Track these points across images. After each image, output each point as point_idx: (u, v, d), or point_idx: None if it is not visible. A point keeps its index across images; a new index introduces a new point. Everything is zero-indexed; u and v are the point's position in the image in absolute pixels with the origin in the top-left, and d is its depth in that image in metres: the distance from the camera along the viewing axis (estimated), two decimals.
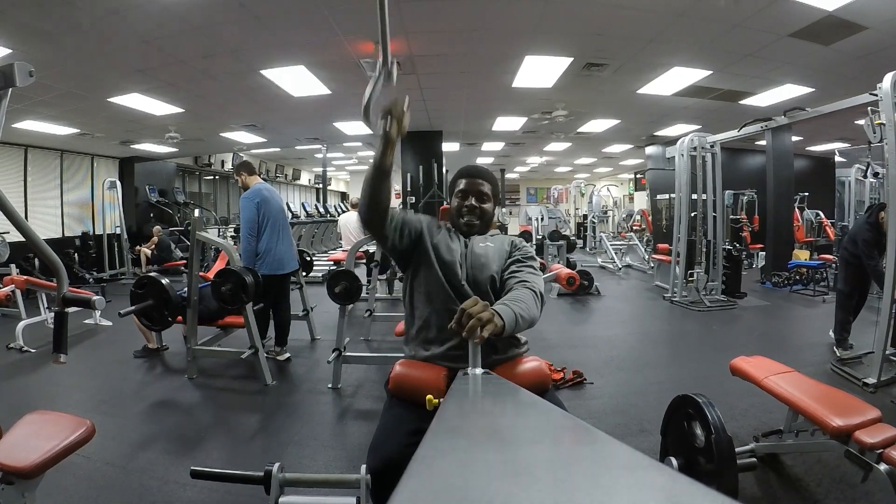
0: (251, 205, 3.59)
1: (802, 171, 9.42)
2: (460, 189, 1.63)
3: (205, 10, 3.49)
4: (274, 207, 3.69)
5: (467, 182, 1.62)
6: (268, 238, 3.61)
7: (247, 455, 2.45)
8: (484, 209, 1.62)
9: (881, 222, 3.53)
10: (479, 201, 1.61)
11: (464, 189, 1.62)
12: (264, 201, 3.64)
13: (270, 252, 3.61)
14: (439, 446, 0.60)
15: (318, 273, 7.54)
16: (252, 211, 3.58)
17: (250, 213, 3.58)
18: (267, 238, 3.61)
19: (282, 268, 3.68)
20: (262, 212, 3.59)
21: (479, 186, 1.61)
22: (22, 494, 1.42)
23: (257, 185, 3.71)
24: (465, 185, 1.62)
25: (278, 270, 3.65)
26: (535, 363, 1.50)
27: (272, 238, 3.62)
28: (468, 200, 1.61)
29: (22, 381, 3.50)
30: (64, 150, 8.28)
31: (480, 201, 1.61)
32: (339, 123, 7.82)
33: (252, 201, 3.60)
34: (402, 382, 1.42)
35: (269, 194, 3.72)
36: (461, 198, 1.62)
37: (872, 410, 1.78)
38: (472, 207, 1.60)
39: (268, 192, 3.73)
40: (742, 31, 3.99)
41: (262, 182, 3.77)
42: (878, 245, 3.57)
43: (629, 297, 6.94)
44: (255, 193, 3.64)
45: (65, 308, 1.26)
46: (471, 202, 1.60)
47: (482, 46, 4.44)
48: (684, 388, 1.93)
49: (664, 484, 0.44)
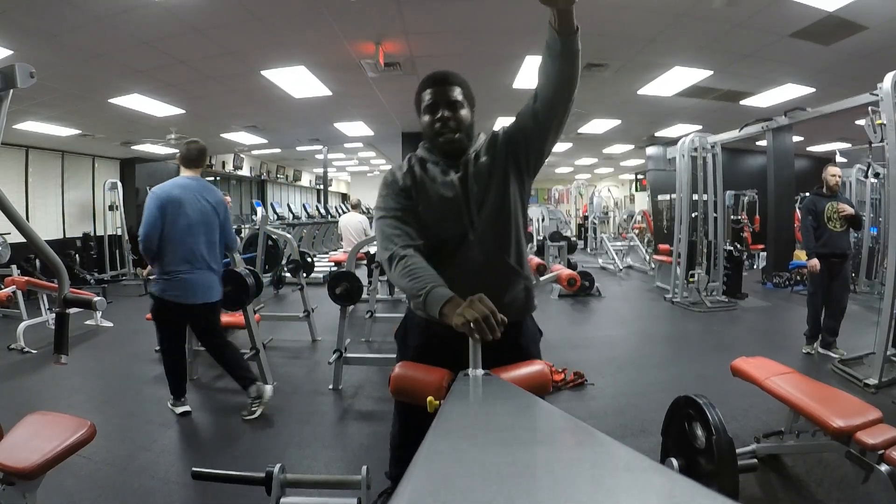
0: (154, 202, 2.64)
1: (803, 172, 9.39)
2: (427, 103, 1.36)
3: (205, 11, 3.49)
4: (190, 218, 2.66)
5: (433, 91, 1.35)
6: (171, 255, 2.64)
7: (248, 456, 2.45)
8: (460, 118, 1.35)
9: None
10: (451, 109, 1.34)
11: (431, 101, 1.35)
12: (173, 204, 2.64)
13: (172, 275, 2.65)
14: (440, 448, 0.60)
15: (319, 274, 7.54)
16: (152, 212, 2.62)
17: (150, 213, 2.63)
18: (170, 255, 2.64)
19: (187, 297, 2.67)
20: (167, 217, 2.63)
21: (448, 93, 1.35)
22: (23, 495, 1.42)
23: (178, 179, 2.79)
24: (431, 96, 1.35)
25: (182, 299, 2.67)
26: (536, 366, 1.49)
27: (175, 256, 2.64)
28: (440, 112, 1.34)
29: (23, 382, 3.51)
30: (65, 151, 8.29)
31: (453, 109, 1.34)
32: (340, 124, 7.83)
33: (157, 198, 2.65)
34: (402, 384, 1.42)
35: (186, 196, 2.69)
36: (430, 112, 1.35)
37: (873, 411, 1.78)
38: (446, 119, 1.33)
39: (187, 192, 2.71)
40: (742, 31, 3.99)
41: (191, 178, 2.81)
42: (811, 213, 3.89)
43: (630, 298, 6.93)
44: (166, 190, 2.69)
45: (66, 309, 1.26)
46: (444, 114, 1.33)
47: (482, 46, 4.44)
48: (685, 389, 1.93)
49: (665, 485, 0.44)
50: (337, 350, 3.29)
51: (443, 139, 1.34)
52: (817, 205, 3.85)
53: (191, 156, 2.84)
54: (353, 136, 8.97)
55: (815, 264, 3.75)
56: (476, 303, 1.03)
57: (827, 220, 3.80)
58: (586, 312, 5.93)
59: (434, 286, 1.13)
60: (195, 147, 2.85)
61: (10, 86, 1.10)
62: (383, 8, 3.61)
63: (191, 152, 2.82)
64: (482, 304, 1.01)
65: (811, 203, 3.90)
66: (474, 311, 1.00)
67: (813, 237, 3.82)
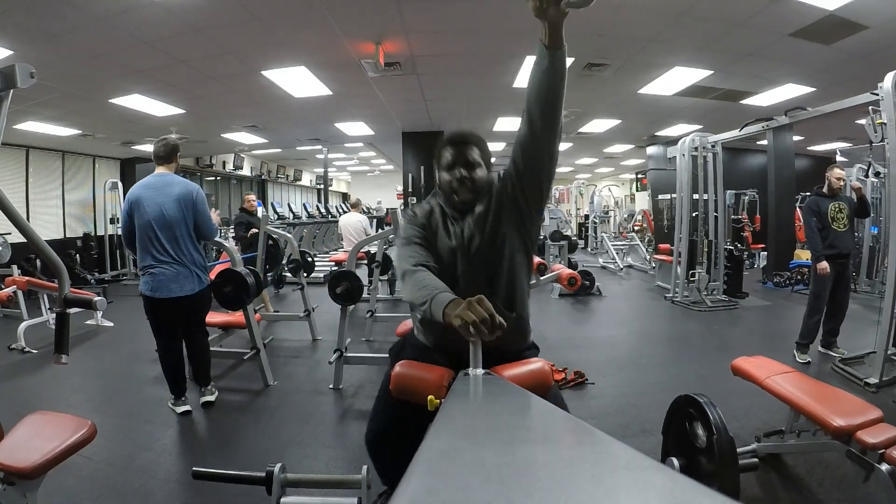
0: (125, 204, 2.83)
1: (804, 171, 9.39)
2: (446, 161, 1.45)
3: (205, 11, 3.49)
4: (148, 215, 2.74)
5: (453, 151, 1.44)
6: (140, 252, 2.79)
7: (248, 455, 2.45)
8: (475, 178, 1.43)
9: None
10: (468, 170, 1.42)
11: (451, 160, 1.44)
12: (136, 204, 2.76)
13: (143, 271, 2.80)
14: (440, 447, 0.60)
15: (320, 274, 7.54)
16: (123, 213, 2.85)
17: (122, 214, 2.86)
18: (139, 252, 2.79)
19: (158, 291, 2.75)
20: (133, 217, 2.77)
21: (467, 154, 1.43)
22: (23, 495, 1.43)
23: (146, 179, 2.88)
24: (450, 155, 1.44)
25: (155, 293, 2.75)
26: (536, 364, 1.49)
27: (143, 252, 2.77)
28: (457, 171, 1.42)
29: (23, 382, 3.51)
30: (65, 151, 8.30)
31: (470, 169, 1.43)
32: (340, 124, 7.83)
33: (126, 200, 2.83)
34: (402, 383, 1.42)
35: (146, 194, 2.78)
36: (449, 170, 1.44)
37: (874, 410, 1.78)
38: (463, 179, 1.41)
39: (147, 190, 2.80)
40: (743, 30, 3.99)
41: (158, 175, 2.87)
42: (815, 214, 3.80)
43: (630, 298, 6.93)
44: (132, 191, 2.83)
45: (66, 309, 1.26)
46: (461, 173, 1.42)
47: (483, 46, 4.44)
48: (686, 389, 1.93)
49: (665, 485, 0.44)
50: (337, 349, 3.29)
51: (458, 198, 1.43)
52: (821, 205, 3.78)
53: (159, 153, 2.90)
54: (353, 136, 8.97)
55: (825, 267, 3.65)
56: (475, 305, 1.03)
57: (832, 221, 3.75)
58: (587, 312, 5.93)
59: (439, 292, 1.16)
60: (162, 144, 2.90)
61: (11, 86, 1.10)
62: (383, 8, 3.61)
63: (159, 149, 2.89)
64: (481, 306, 1.02)
65: (814, 204, 3.82)
66: (472, 314, 1.01)
67: (819, 239, 3.71)
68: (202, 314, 3.05)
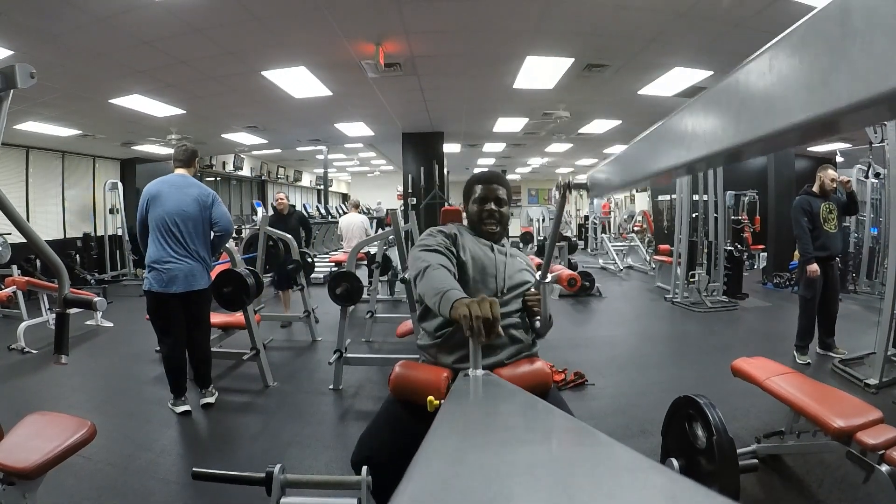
0: (142, 196, 2.96)
1: (804, 172, 9.39)
2: (478, 196, 1.65)
3: (206, 11, 3.49)
4: (167, 208, 2.87)
5: (484, 188, 1.65)
6: (153, 245, 2.88)
7: (248, 456, 2.45)
8: (502, 213, 1.66)
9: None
10: (497, 205, 1.64)
11: (482, 195, 1.65)
12: (154, 197, 2.90)
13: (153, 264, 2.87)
14: (440, 447, 0.60)
15: (320, 274, 7.54)
16: (139, 205, 2.96)
17: (138, 207, 2.98)
18: (153, 245, 2.89)
19: (168, 285, 2.83)
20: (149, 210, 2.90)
21: (496, 192, 1.64)
22: (23, 495, 1.43)
23: (166, 176, 3.04)
24: (482, 191, 1.65)
25: (164, 288, 2.83)
26: (536, 364, 1.50)
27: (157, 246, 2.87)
28: (488, 205, 1.64)
29: (23, 382, 3.51)
30: (65, 152, 8.29)
31: (499, 205, 1.65)
32: (341, 125, 7.83)
33: (144, 193, 2.96)
34: (402, 384, 1.42)
35: (165, 189, 2.92)
36: (480, 203, 1.65)
37: (874, 411, 1.78)
38: (492, 212, 1.63)
39: (167, 186, 2.94)
40: (742, 31, 3.98)
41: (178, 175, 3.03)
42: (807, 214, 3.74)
43: (630, 298, 6.94)
44: (151, 186, 2.98)
45: (66, 309, 1.25)
46: (490, 207, 1.63)
47: (483, 47, 4.44)
48: (685, 389, 1.93)
49: (665, 485, 0.44)
50: (337, 350, 3.29)
51: (487, 228, 1.64)
52: (812, 205, 3.73)
53: (179, 156, 3.09)
54: (353, 137, 8.96)
55: (815, 269, 3.62)
56: (483, 303, 1.04)
57: (823, 222, 3.70)
58: (587, 312, 5.93)
59: (452, 289, 1.18)
60: (183, 148, 3.10)
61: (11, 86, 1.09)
62: (383, 8, 3.61)
63: (179, 153, 3.09)
64: (489, 306, 1.03)
65: (806, 203, 3.75)
66: (478, 309, 1.02)
67: (810, 240, 3.67)
68: (206, 311, 3.11)
